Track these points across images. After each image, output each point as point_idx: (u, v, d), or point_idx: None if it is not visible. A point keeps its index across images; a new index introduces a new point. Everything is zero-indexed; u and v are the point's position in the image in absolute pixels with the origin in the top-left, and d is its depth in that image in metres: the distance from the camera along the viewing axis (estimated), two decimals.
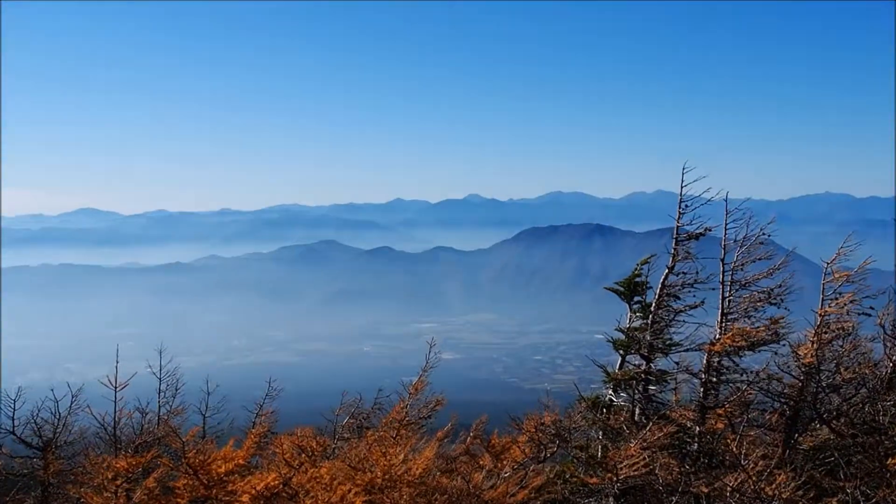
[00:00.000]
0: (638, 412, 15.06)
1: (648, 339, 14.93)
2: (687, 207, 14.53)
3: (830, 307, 13.86)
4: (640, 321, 15.30)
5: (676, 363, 14.89)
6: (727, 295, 14.24)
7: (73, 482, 12.57)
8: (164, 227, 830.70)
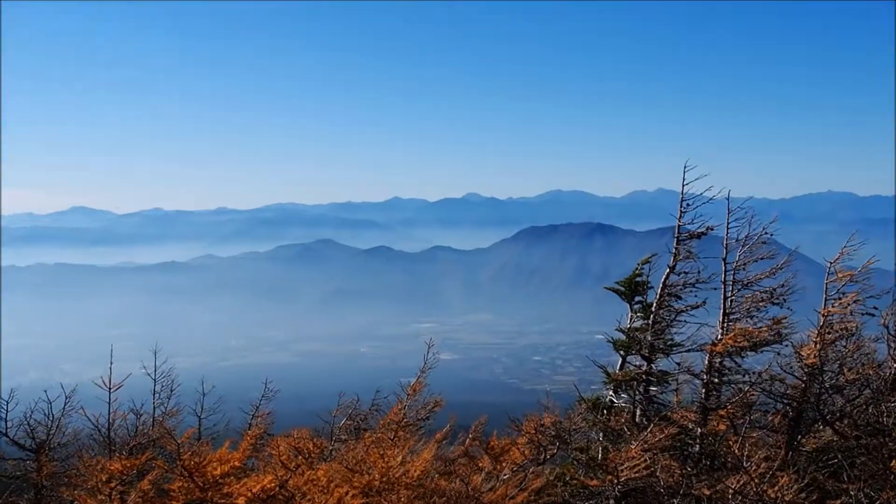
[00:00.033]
0: (639, 413, 15.06)
1: (649, 339, 14.93)
2: (688, 206, 14.53)
3: (833, 307, 13.87)
4: (641, 321, 15.31)
5: (678, 364, 14.89)
6: (729, 295, 14.24)
7: (66, 484, 12.58)
8: (159, 225, 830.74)
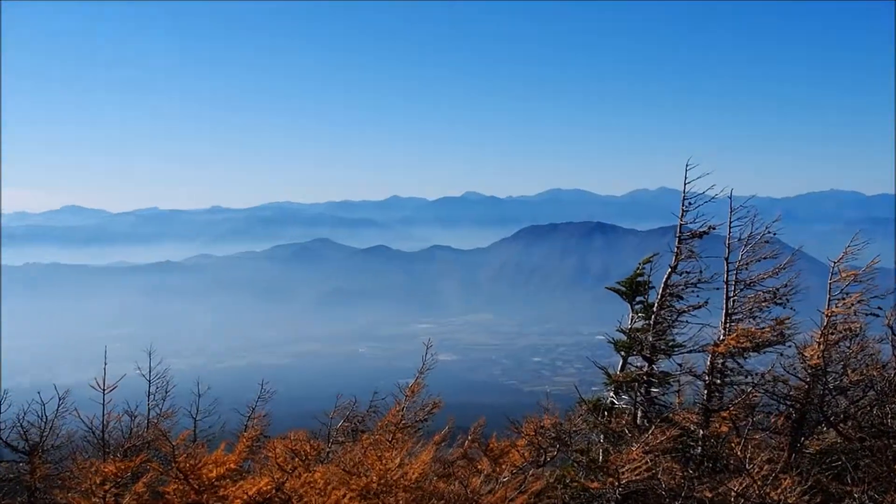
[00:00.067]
0: (640, 415, 15.07)
1: (651, 340, 14.94)
2: (690, 205, 14.54)
3: (837, 307, 13.88)
4: (642, 322, 15.32)
5: (679, 365, 14.90)
6: (731, 295, 14.26)
7: (60, 487, 12.57)
8: (153, 225, 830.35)
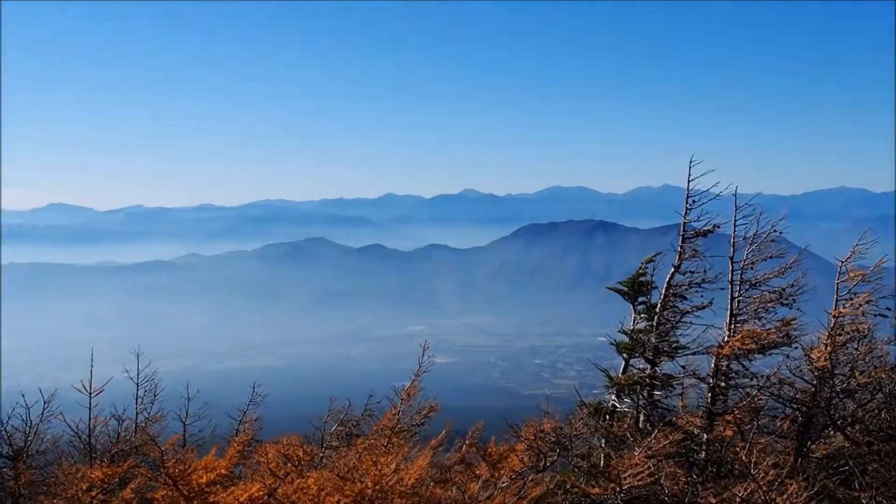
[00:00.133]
0: (642, 419, 15.10)
1: (653, 341, 14.96)
2: (694, 203, 14.55)
3: (845, 308, 13.90)
4: (644, 323, 15.34)
5: (683, 367, 14.93)
6: (736, 295, 14.28)
7: (45, 493, 12.56)
8: (141, 223, 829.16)
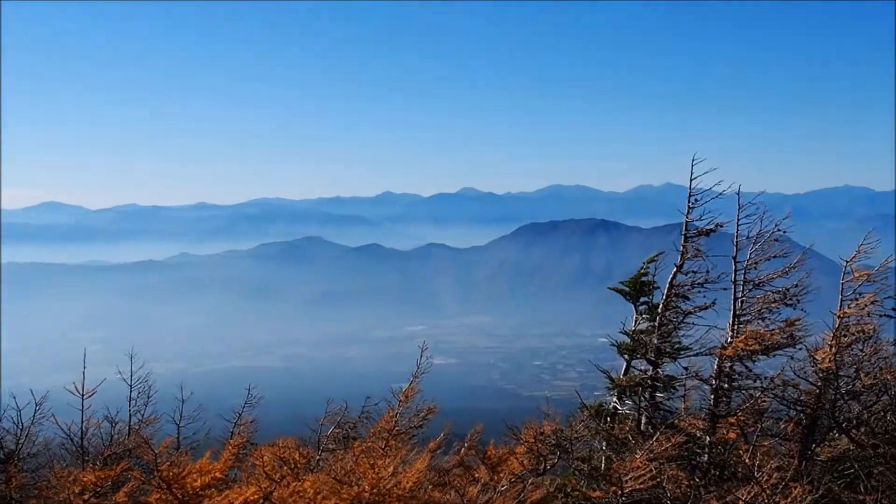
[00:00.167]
0: (644, 421, 15.11)
1: (655, 342, 14.97)
2: (697, 201, 14.56)
3: (850, 308, 13.91)
4: (646, 323, 15.35)
5: (685, 368, 14.94)
6: (740, 295, 14.29)
7: (37, 497, 12.56)
8: (134, 221, 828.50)
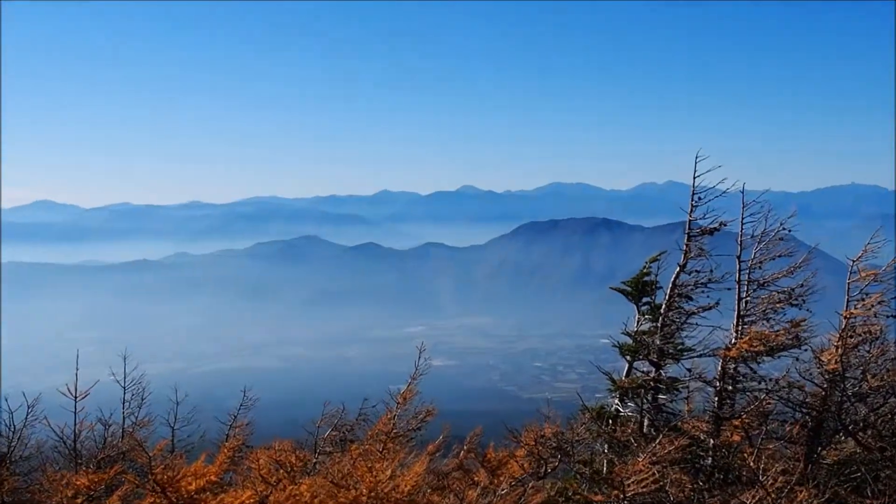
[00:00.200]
0: (647, 423, 15.11)
1: (658, 343, 14.97)
2: (700, 200, 14.55)
3: (856, 309, 13.90)
4: (649, 324, 15.33)
5: (689, 370, 14.92)
6: (744, 295, 14.28)
7: (29, 501, 12.56)
8: (127, 220, 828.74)
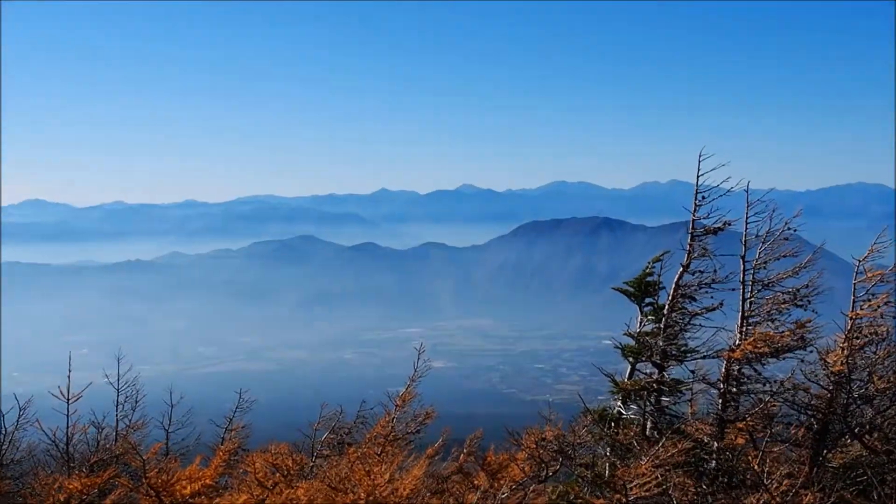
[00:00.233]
0: (650, 426, 15.10)
1: (661, 344, 14.96)
2: (704, 199, 14.53)
3: (863, 309, 13.89)
4: (651, 325, 15.32)
5: (692, 372, 14.92)
6: (748, 296, 14.27)
7: None
8: (121, 220, 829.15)
